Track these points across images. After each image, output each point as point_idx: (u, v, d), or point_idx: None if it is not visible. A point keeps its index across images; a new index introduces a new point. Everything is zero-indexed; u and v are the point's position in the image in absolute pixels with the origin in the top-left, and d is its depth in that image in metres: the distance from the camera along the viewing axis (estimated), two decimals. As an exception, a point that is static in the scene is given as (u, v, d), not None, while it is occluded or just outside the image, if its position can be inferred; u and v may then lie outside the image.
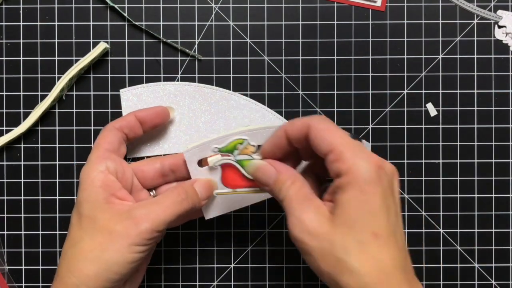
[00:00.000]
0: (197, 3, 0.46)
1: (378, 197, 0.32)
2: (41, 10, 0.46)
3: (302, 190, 0.35)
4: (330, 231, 0.32)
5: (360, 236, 0.31)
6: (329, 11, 0.46)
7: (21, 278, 0.47)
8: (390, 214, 0.33)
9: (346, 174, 0.32)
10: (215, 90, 0.46)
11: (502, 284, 0.46)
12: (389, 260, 0.31)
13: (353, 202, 0.32)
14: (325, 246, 0.32)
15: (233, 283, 0.47)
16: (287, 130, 0.36)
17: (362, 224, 0.32)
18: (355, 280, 0.31)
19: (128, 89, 0.46)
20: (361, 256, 0.31)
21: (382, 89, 0.46)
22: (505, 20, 0.46)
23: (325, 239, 0.32)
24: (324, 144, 0.33)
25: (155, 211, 0.36)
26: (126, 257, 0.35)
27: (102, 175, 0.38)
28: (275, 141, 0.37)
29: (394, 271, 0.31)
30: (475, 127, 0.47)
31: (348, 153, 0.32)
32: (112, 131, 0.40)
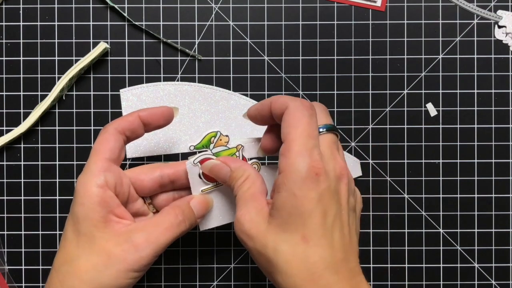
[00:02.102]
0: (197, 3, 0.46)
1: (311, 201, 0.32)
2: (41, 10, 0.47)
3: (250, 189, 0.35)
4: (265, 232, 0.33)
5: (290, 238, 0.32)
6: (329, 11, 0.46)
7: (21, 278, 0.47)
8: (327, 216, 0.33)
9: (283, 172, 0.32)
10: (215, 90, 0.46)
11: (502, 284, 0.46)
12: (319, 262, 0.32)
13: (286, 205, 0.32)
14: (259, 247, 0.33)
15: (233, 283, 0.47)
16: (272, 103, 0.35)
17: (293, 227, 0.32)
18: (285, 281, 0.32)
19: (128, 89, 0.46)
20: (290, 257, 0.32)
21: (382, 89, 0.47)
22: (505, 20, 0.46)
23: (259, 241, 0.33)
24: (284, 132, 0.33)
25: (155, 235, 0.35)
26: (120, 282, 0.34)
27: (101, 190, 0.35)
28: (260, 108, 0.37)
29: (323, 272, 0.32)
30: (475, 127, 0.47)
31: (294, 149, 0.32)
32: (114, 135, 0.37)
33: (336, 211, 0.33)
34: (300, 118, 0.33)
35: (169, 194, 0.41)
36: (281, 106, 0.34)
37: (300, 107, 0.34)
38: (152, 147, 0.45)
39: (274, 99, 0.35)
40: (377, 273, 0.47)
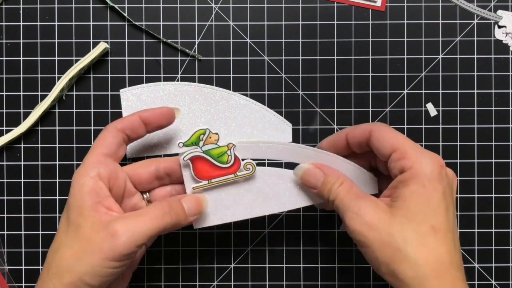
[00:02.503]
0: (197, 3, 0.46)
1: (439, 193, 0.34)
2: (41, 10, 0.47)
3: (352, 189, 0.37)
4: (389, 223, 0.34)
5: (419, 228, 0.33)
6: (329, 11, 0.46)
7: (21, 278, 0.47)
8: (449, 212, 0.35)
9: (410, 170, 0.34)
10: (215, 90, 0.46)
11: (502, 284, 0.46)
12: (446, 255, 0.33)
13: (415, 196, 0.34)
14: (384, 237, 0.34)
15: (233, 283, 0.47)
16: (349, 134, 0.39)
17: (422, 217, 0.34)
18: (412, 270, 0.33)
19: (128, 89, 0.46)
20: (420, 247, 0.33)
21: (382, 89, 0.47)
22: (505, 20, 0.46)
23: (384, 231, 0.34)
24: (387, 144, 0.36)
25: (134, 224, 0.35)
26: (98, 270, 0.34)
27: (92, 181, 0.36)
28: (335, 140, 0.40)
29: (450, 266, 0.33)
30: (475, 127, 0.47)
31: (412, 151, 0.35)
32: (113, 132, 0.38)
33: (453, 208, 0.35)
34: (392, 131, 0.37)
35: (167, 189, 0.42)
36: (362, 133, 0.38)
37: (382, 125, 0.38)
38: (152, 147, 0.45)
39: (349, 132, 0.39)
40: (377, 273, 0.47)
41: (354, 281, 0.47)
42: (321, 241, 0.47)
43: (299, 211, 0.47)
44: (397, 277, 0.34)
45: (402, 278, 0.33)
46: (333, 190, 0.37)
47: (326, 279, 0.47)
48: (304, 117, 0.47)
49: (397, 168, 0.36)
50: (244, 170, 0.40)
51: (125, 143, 0.40)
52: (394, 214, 0.34)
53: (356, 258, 0.47)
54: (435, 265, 0.33)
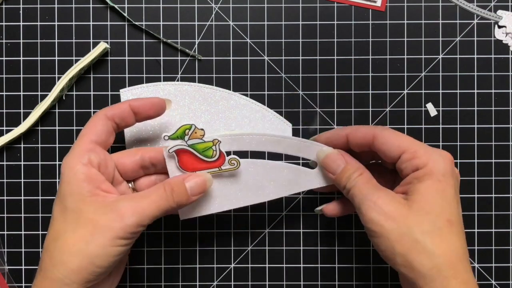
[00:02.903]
0: (197, 3, 0.46)
1: (452, 188, 0.36)
2: (41, 10, 0.47)
3: (371, 180, 0.38)
4: (407, 214, 0.35)
5: (436, 221, 0.35)
6: (329, 11, 0.46)
7: (21, 278, 0.47)
8: (459, 206, 0.36)
9: (424, 167, 0.36)
10: (215, 90, 0.46)
11: (502, 284, 0.46)
12: (460, 247, 0.35)
13: (431, 190, 0.35)
14: (402, 228, 0.35)
15: (233, 283, 0.47)
16: (350, 135, 0.39)
17: (438, 211, 0.35)
18: (429, 260, 0.34)
19: (128, 89, 0.46)
20: (437, 239, 0.34)
21: (382, 89, 0.47)
22: (505, 20, 0.46)
23: (402, 222, 0.35)
24: (394, 148, 0.37)
25: (140, 205, 0.36)
26: (109, 250, 0.35)
27: (85, 168, 0.36)
28: (333, 138, 0.40)
29: (463, 257, 0.35)
30: (475, 127, 0.47)
31: (421, 150, 0.36)
32: (102, 120, 0.38)
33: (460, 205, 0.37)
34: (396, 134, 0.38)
35: (151, 178, 0.42)
36: (365, 136, 0.39)
37: (384, 128, 0.39)
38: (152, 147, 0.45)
39: (350, 133, 0.39)
40: (378, 273, 0.47)
41: (354, 281, 0.47)
42: (321, 241, 0.47)
43: (299, 211, 0.47)
44: (414, 268, 0.34)
45: (419, 269, 0.34)
46: (352, 179, 0.38)
47: (326, 279, 0.47)
48: (304, 117, 0.47)
49: (409, 168, 0.36)
50: (229, 165, 0.40)
51: (114, 131, 0.40)
52: (412, 206, 0.35)
53: (356, 258, 0.47)
54: (451, 257, 0.34)
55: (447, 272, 0.34)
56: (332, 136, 0.41)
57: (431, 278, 0.34)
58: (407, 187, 0.37)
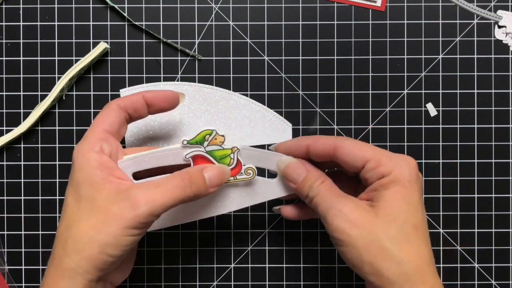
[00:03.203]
0: (197, 3, 0.46)
1: (418, 193, 0.36)
2: (41, 10, 0.47)
3: (333, 187, 0.38)
4: (373, 221, 0.35)
5: (403, 227, 0.34)
6: (329, 11, 0.46)
7: (21, 278, 0.47)
8: (424, 211, 0.36)
9: (389, 175, 0.36)
10: (215, 90, 0.46)
11: (502, 284, 0.46)
12: (426, 252, 0.35)
13: (397, 197, 0.35)
14: (369, 236, 0.34)
15: (233, 283, 0.47)
16: (310, 146, 0.38)
17: (405, 217, 0.35)
18: (397, 267, 0.34)
19: (128, 89, 0.46)
20: (404, 245, 0.34)
21: (382, 89, 0.46)
22: (505, 20, 0.46)
23: (368, 229, 0.34)
24: (357, 158, 0.37)
25: (154, 194, 0.34)
26: (120, 239, 0.34)
27: (98, 155, 0.36)
28: (293, 149, 0.40)
29: (430, 262, 0.35)
30: (475, 127, 0.47)
31: (385, 158, 0.36)
32: (116, 110, 0.38)
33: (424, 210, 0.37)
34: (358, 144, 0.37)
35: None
36: (325, 148, 0.38)
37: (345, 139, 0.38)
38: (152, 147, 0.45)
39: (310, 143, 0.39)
40: (377, 273, 0.47)
41: (354, 281, 0.47)
42: (321, 241, 0.47)
43: (299, 211, 0.47)
44: (382, 275, 0.34)
45: (388, 276, 0.34)
46: (314, 187, 0.38)
47: (326, 279, 0.47)
48: (304, 117, 0.47)
49: (374, 176, 0.36)
50: (245, 174, 0.40)
51: (127, 121, 0.39)
52: (378, 213, 0.35)
53: (356, 258, 0.47)
54: (418, 262, 0.34)
55: (415, 278, 0.34)
56: (292, 146, 0.40)
57: (399, 285, 0.34)
58: (372, 194, 0.36)
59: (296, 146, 0.40)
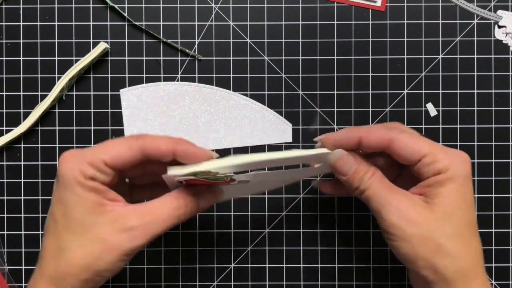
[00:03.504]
0: (197, 3, 0.46)
1: (471, 191, 0.36)
2: (41, 10, 0.47)
3: (384, 180, 0.38)
4: (429, 219, 0.35)
5: (458, 225, 0.35)
6: (329, 11, 0.46)
7: (21, 278, 0.47)
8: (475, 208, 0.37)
9: (446, 172, 0.36)
10: (215, 90, 0.46)
11: (502, 284, 0.46)
12: (479, 249, 0.36)
13: (454, 195, 0.35)
14: (424, 233, 0.35)
15: (233, 283, 0.47)
16: (363, 138, 0.38)
17: (460, 215, 0.35)
18: (453, 264, 0.35)
19: (128, 89, 0.46)
20: (459, 243, 0.35)
21: (382, 89, 0.46)
22: (505, 20, 0.46)
23: (424, 226, 0.35)
24: (414, 152, 0.37)
25: (152, 226, 0.35)
26: (117, 265, 0.35)
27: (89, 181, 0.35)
28: (343, 140, 0.39)
29: (482, 259, 0.36)
30: (475, 127, 0.47)
31: (441, 154, 0.36)
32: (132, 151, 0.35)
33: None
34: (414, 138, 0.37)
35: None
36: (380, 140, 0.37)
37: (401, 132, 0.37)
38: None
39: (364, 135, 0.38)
40: (378, 273, 0.47)
41: (354, 281, 0.47)
42: (321, 241, 0.47)
43: (299, 211, 0.47)
44: (437, 271, 0.35)
45: (443, 272, 0.35)
46: (365, 180, 0.38)
47: (326, 279, 0.47)
48: (304, 117, 0.47)
49: (430, 172, 0.36)
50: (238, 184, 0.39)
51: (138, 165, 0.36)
52: (433, 210, 0.35)
53: (356, 258, 0.47)
54: (473, 259, 0.35)
55: (469, 274, 0.35)
56: (342, 138, 0.39)
57: (454, 281, 0.34)
58: (426, 189, 0.37)
59: (347, 138, 0.39)
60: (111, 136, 0.46)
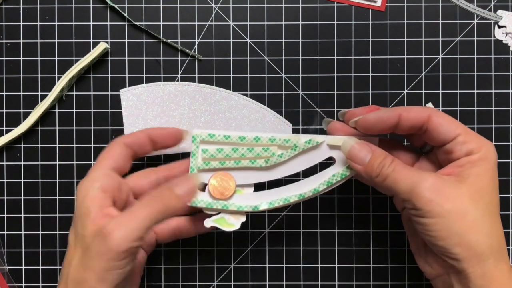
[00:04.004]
0: (197, 3, 0.46)
1: (497, 175, 0.38)
2: (41, 10, 0.47)
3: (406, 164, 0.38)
4: (464, 196, 0.36)
5: (489, 205, 0.36)
6: (329, 11, 0.46)
7: (21, 278, 0.47)
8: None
9: (479, 153, 0.37)
10: (215, 90, 0.46)
11: (502, 284, 0.46)
12: (501, 229, 0.37)
13: (486, 176, 0.37)
14: (460, 209, 0.35)
15: (233, 283, 0.47)
16: (403, 115, 0.38)
17: (491, 195, 0.37)
18: (486, 240, 0.35)
19: (128, 89, 0.46)
20: (491, 220, 0.36)
21: (382, 89, 0.46)
22: (505, 20, 0.46)
23: (461, 203, 0.36)
24: (451, 130, 0.37)
25: (124, 220, 0.35)
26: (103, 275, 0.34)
27: (95, 192, 0.37)
28: (385, 118, 0.39)
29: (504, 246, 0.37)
30: (475, 127, 0.47)
31: (473, 136, 0.38)
32: (121, 147, 0.39)
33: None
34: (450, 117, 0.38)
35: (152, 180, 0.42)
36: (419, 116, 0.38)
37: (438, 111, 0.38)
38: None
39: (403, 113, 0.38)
40: (378, 272, 0.47)
41: (354, 281, 0.47)
42: (321, 241, 0.47)
43: (299, 211, 0.47)
44: (470, 247, 0.35)
45: (476, 247, 0.35)
46: (386, 165, 0.38)
47: (326, 279, 0.47)
48: (304, 117, 0.47)
49: (464, 150, 0.37)
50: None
51: (132, 158, 0.40)
52: (468, 188, 0.36)
53: (357, 258, 0.47)
54: (501, 239, 0.36)
55: (498, 253, 0.36)
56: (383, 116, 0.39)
57: (485, 256, 0.35)
58: (457, 169, 0.37)
59: (387, 116, 0.38)
60: (111, 136, 0.46)
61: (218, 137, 0.41)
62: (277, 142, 0.41)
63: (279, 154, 0.41)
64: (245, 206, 0.41)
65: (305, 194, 0.41)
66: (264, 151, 0.41)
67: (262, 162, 0.40)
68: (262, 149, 0.40)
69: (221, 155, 0.41)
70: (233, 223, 0.41)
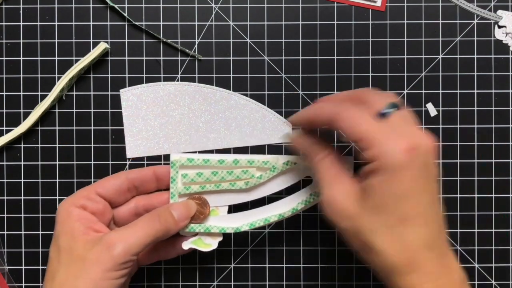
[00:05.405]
0: (197, 3, 0.46)
1: (407, 180, 0.32)
2: (41, 10, 0.47)
3: (333, 165, 0.36)
4: (359, 213, 0.34)
5: (387, 220, 0.33)
6: (329, 11, 0.46)
7: (21, 278, 0.47)
8: (422, 195, 0.33)
9: (376, 160, 0.33)
10: (215, 90, 0.46)
11: (502, 284, 0.46)
12: (415, 240, 0.33)
13: (382, 188, 0.33)
14: (355, 228, 0.34)
15: (233, 283, 0.47)
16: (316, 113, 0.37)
17: (389, 209, 0.33)
18: (379, 260, 0.33)
19: (128, 89, 0.46)
20: (387, 238, 0.33)
21: (382, 89, 0.46)
22: (505, 20, 0.46)
23: (355, 221, 0.34)
24: (353, 133, 0.34)
25: (127, 234, 0.37)
26: (99, 284, 0.35)
27: (79, 210, 0.39)
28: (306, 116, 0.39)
29: (421, 249, 0.33)
30: (475, 127, 0.47)
31: (376, 139, 0.33)
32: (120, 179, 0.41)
33: (430, 187, 0.34)
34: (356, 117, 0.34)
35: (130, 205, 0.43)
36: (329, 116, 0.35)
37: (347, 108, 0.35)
38: (152, 147, 0.45)
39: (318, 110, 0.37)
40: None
41: (354, 281, 0.47)
42: (321, 241, 0.47)
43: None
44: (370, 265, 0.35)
45: (373, 267, 0.35)
46: (315, 162, 0.37)
47: (326, 279, 0.47)
48: (304, 117, 0.46)
49: (366, 158, 0.34)
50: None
51: (130, 192, 0.42)
52: (364, 205, 0.34)
53: (357, 258, 0.47)
54: (404, 253, 0.33)
55: (403, 269, 0.33)
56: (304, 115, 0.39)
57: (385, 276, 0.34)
58: (362, 179, 0.34)
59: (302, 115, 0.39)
60: (111, 136, 0.46)
61: (197, 161, 0.42)
62: (256, 164, 0.42)
63: (258, 176, 0.42)
64: (227, 228, 0.42)
65: (284, 214, 0.43)
66: (244, 173, 0.42)
67: (242, 184, 0.42)
68: (241, 171, 0.42)
69: (201, 179, 0.42)
70: (210, 243, 0.43)
